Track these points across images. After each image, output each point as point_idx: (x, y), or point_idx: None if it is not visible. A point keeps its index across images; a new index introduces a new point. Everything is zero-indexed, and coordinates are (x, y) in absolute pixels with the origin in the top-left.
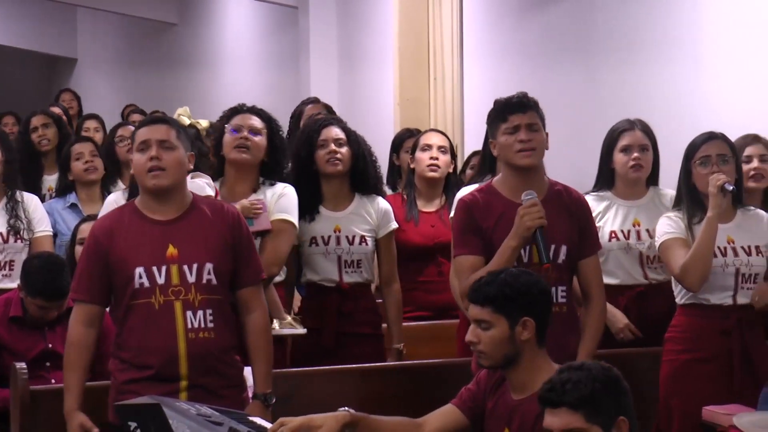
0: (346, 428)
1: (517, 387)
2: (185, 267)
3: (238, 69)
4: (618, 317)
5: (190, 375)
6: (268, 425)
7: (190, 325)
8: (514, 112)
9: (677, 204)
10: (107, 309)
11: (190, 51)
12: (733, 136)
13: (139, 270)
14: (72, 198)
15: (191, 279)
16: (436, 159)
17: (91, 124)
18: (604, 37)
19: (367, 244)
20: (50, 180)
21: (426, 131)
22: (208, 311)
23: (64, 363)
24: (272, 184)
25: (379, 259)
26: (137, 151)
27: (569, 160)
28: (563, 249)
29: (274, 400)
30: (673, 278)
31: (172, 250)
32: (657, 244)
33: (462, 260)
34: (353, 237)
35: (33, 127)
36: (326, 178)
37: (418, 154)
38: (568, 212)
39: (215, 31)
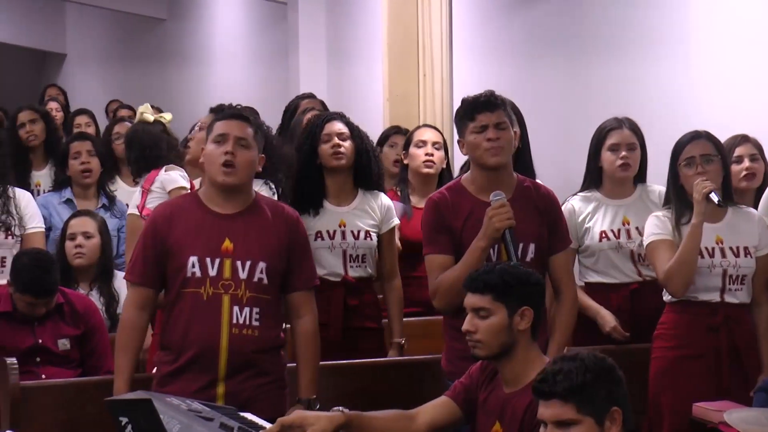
0: (340, 429)
1: (510, 380)
2: (238, 262)
3: (227, 65)
4: (607, 319)
5: (229, 369)
6: (263, 423)
7: (234, 320)
8: (482, 111)
9: (667, 203)
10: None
11: (179, 47)
12: (721, 135)
13: (193, 259)
14: (67, 193)
15: (243, 275)
16: (431, 155)
17: (82, 119)
18: (592, 34)
19: (371, 239)
20: (38, 176)
21: (419, 127)
22: (255, 309)
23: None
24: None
25: (380, 254)
26: (213, 141)
27: (557, 157)
28: (531, 247)
29: (318, 406)
30: None
31: (227, 244)
32: (645, 244)
33: (432, 259)
34: (358, 232)
35: (20, 122)
36: (330, 172)
37: (413, 150)
38: (536, 209)
39: (204, 27)
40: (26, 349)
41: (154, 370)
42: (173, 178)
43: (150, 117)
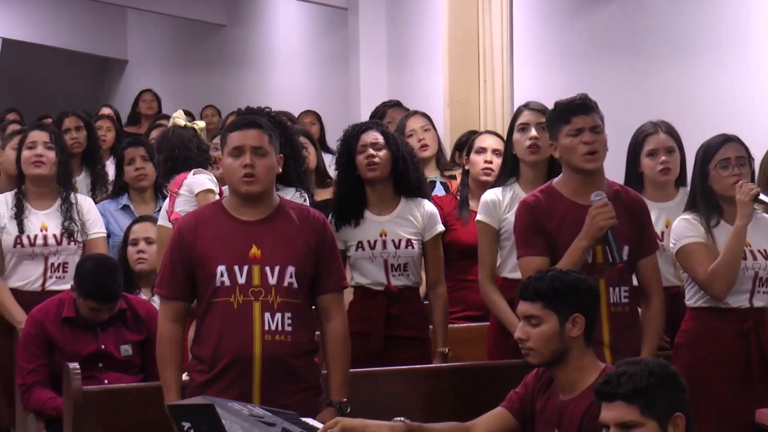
0: None
1: (565, 387)
2: (267, 268)
3: (288, 70)
4: None
5: (264, 376)
6: (321, 426)
7: (267, 327)
8: (577, 114)
9: (691, 206)
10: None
11: (239, 52)
12: None
13: (221, 268)
14: (124, 200)
15: (272, 281)
16: (490, 163)
17: (164, 123)
18: (653, 38)
19: (413, 248)
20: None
21: (481, 133)
22: (287, 314)
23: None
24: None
25: (425, 262)
26: (229, 155)
27: (617, 162)
28: (625, 249)
29: (349, 409)
30: (688, 282)
31: (255, 250)
32: (675, 247)
33: (528, 261)
34: (399, 240)
35: (66, 128)
36: (369, 182)
37: (473, 156)
38: (627, 212)
39: (264, 33)
40: (89, 354)
41: (185, 376)
42: (200, 180)
43: (182, 122)
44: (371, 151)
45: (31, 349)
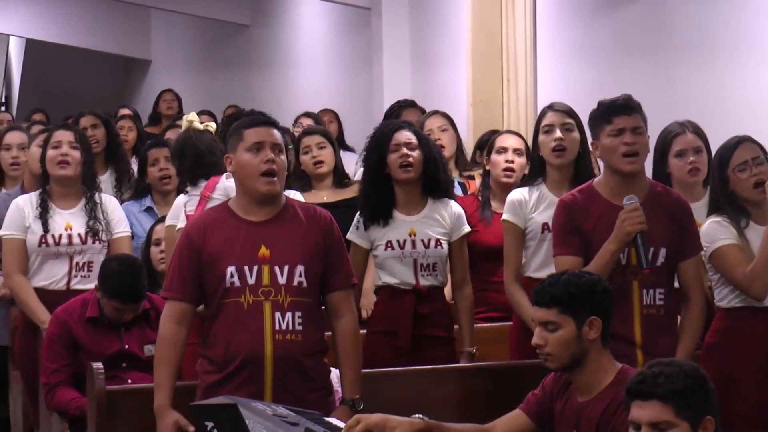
0: None
1: (583, 389)
2: (276, 268)
3: (311, 70)
4: None
5: (275, 376)
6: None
7: (277, 327)
8: (619, 115)
9: (715, 210)
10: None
11: (262, 52)
12: None
13: (231, 269)
14: (148, 201)
15: (282, 280)
16: (512, 162)
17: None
18: (678, 38)
19: (442, 248)
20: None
21: (501, 133)
22: (297, 313)
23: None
24: None
25: (451, 262)
26: (247, 150)
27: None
28: (662, 251)
29: (362, 406)
30: (717, 283)
31: (264, 250)
32: (709, 250)
33: (562, 260)
34: (429, 240)
35: (82, 128)
36: (399, 182)
37: (494, 156)
38: (668, 214)
39: (288, 33)
40: (113, 354)
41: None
42: (232, 186)
43: (200, 125)
44: (405, 150)
45: (55, 348)
